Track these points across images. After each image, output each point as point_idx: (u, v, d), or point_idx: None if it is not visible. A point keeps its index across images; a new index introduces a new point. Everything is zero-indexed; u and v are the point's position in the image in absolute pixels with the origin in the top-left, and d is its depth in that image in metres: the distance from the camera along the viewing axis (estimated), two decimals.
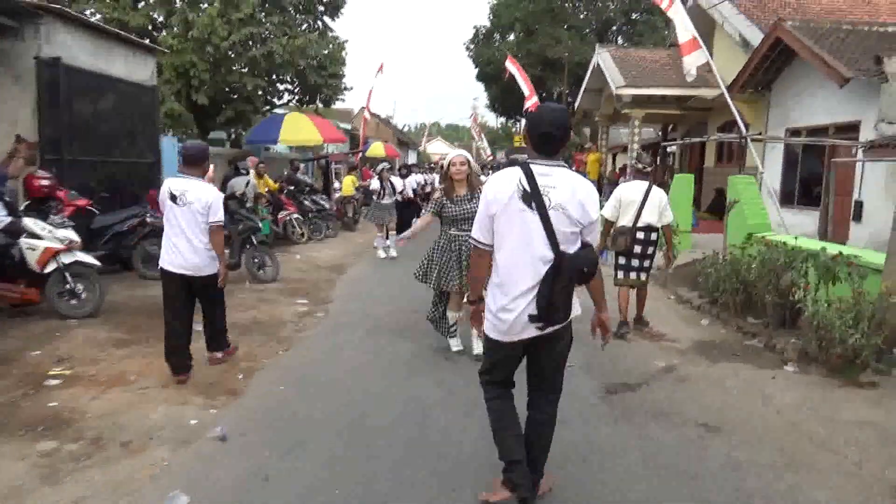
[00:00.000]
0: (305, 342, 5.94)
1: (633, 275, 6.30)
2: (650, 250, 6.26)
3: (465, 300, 4.76)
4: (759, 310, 6.48)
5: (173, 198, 4.77)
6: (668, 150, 22.53)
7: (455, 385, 4.75)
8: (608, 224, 6.35)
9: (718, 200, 16.13)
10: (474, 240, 2.98)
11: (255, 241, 8.78)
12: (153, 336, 5.90)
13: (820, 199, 12.85)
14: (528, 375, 3.08)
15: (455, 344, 5.63)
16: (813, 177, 13.33)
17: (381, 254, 11.55)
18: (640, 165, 6.53)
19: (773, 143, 13.69)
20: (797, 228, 9.96)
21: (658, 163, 19.86)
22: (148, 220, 8.51)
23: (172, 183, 4.83)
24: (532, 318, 2.81)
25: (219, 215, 4.82)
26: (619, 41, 30.37)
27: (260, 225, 9.03)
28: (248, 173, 11.22)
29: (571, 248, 2.81)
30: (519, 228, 2.80)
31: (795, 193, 13.45)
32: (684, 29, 9.95)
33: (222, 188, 10.51)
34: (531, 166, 2.82)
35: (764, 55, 13.13)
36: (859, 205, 11.30)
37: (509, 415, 3.07)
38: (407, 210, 12.81)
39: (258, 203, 10.55)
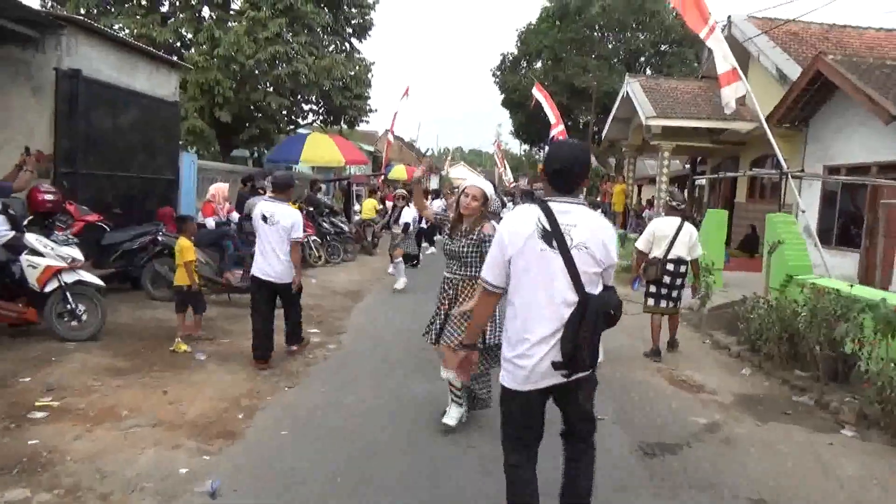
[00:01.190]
0: (313, 378, 5.52)
1: (662, 302, 6.68)
2: (678, 281, 6.65)
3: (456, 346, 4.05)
4: (806, 361, 5.95)
5: (265, 218, 5.62)
6: (697, 183, 22.01)
7: (472, 437, 4.29)
8: (641, 255, 6.84)
9: (751, 237, 15.58)
10: (485, 281, 2.77)
11: None
12: (153, 364, 5.54)
13: (859, 241, 12.29)
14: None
15: (454, 416, 4.46)
16: (852, 217, 12.76)
17: (400, 284, 10.48)
18: (673, 203, 6.91)
19: (809, 181, 13.14)
20: (835, 270, 9.39)
21: (686, 196, 19.37)
22: (160, 238, 8.21)
23: (264, 206, 5.71)
24: (556, 366, 2.61)
25: (299, 233, 5.70)
26: (648, 72, 30.01)
27: None
28: (265, 193, 10.94)
29: (594, 290, 2.65)
30: (539, 269, 2.63)
31: (833, 233, 12.85)
32: (723, 59, 9.51)
33: (237, 209, 10.24)
34: (549, 204, 2.67)
35: (803, 89, 12.66)
36: None
37: (525, 488, 2.78)
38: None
39: None
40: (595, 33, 31.88)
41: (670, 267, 6.56)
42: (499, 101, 35.45)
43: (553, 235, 2.60)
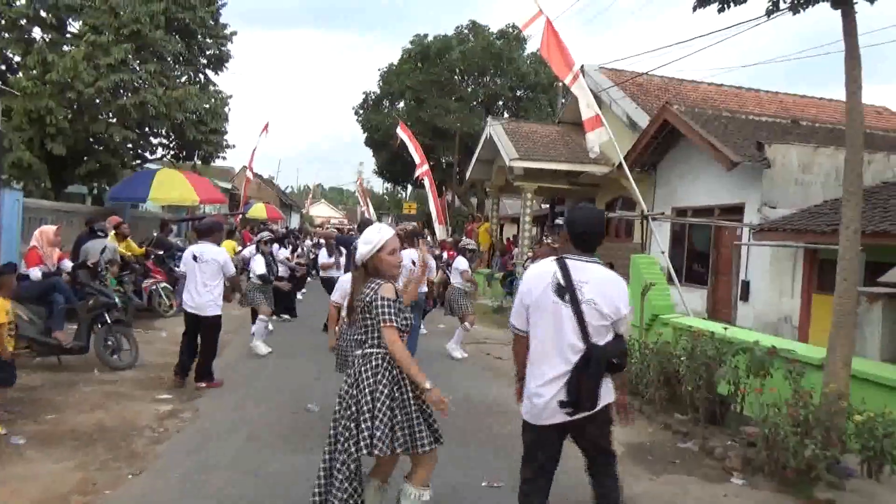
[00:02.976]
0: (165, 459, 4.68)
1: None
2: None
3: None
4: (684, 404, 6.02)
5: (195, 258, 6.59)
6: (557, 222, 22.90)
7: None
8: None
9: None
10: (513, 327, 3.19)
11: (108, 320, 7.31)
12: None
13: (705, 278, 13.21)
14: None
15: None
16: (698, 255, 13.69)
17: (262, 350, 8.66)
18: (557, 245, 6.66)
19: (660, 222, 14.00)
20: (686, 306, 9.90)
21: (545, 235, 20.06)
22: None
23: (194, 248, 6.80)
24: (562, 405, 2.93)
25: (231, 270, 6.83)
26: (506, 115, 31.21)
27: (116, 300, 7.57)
28: (105, 236, 9.69)
29: (602, 339, 2.95)
30: (551, 319, 2.98)
31: (682, 271, 13.70)
32: (587, 106, 9.89)
33: (74, 254, 8.99)
34: (566, 261, 3.01)
35: (652, 136, 13.52)
36: (746, 284, 11.59)
37: (531, 500, 3.14)
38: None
39: (105, 272, 8.42)
40: (455, 76, 32.73)
41: None
42: (361, 140, 35.21)
43: (567, 290, 2.94)
